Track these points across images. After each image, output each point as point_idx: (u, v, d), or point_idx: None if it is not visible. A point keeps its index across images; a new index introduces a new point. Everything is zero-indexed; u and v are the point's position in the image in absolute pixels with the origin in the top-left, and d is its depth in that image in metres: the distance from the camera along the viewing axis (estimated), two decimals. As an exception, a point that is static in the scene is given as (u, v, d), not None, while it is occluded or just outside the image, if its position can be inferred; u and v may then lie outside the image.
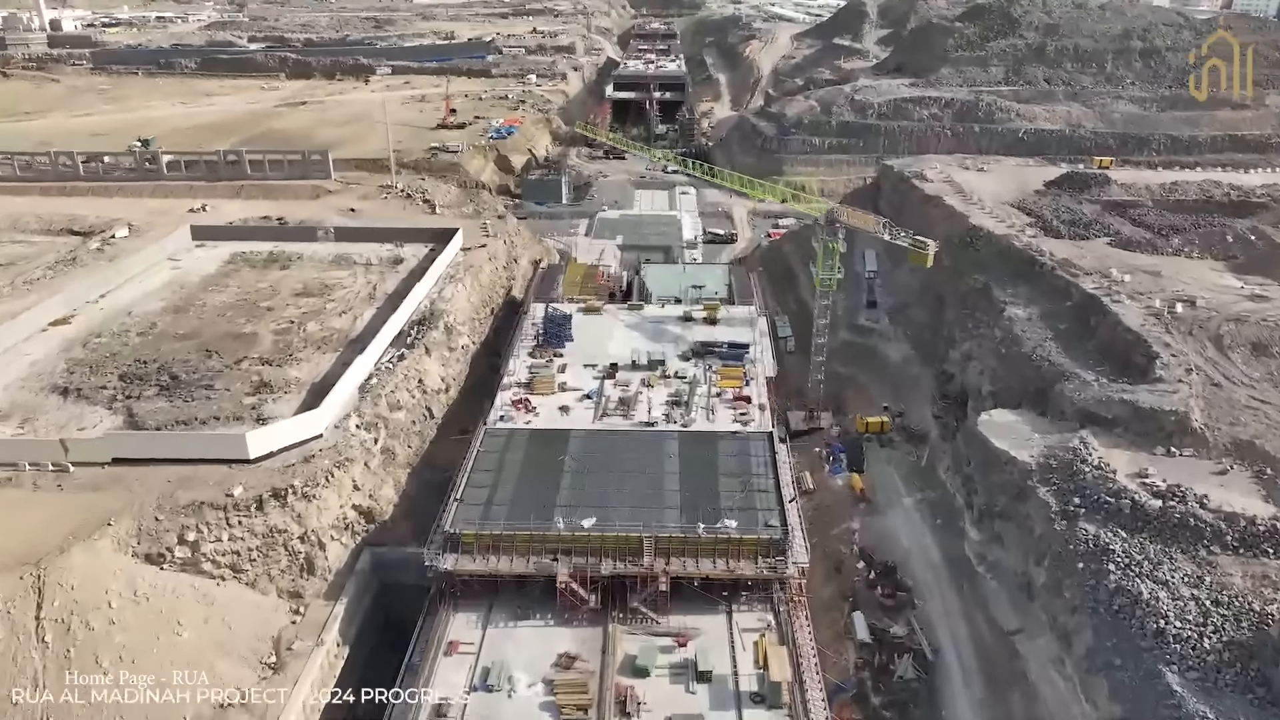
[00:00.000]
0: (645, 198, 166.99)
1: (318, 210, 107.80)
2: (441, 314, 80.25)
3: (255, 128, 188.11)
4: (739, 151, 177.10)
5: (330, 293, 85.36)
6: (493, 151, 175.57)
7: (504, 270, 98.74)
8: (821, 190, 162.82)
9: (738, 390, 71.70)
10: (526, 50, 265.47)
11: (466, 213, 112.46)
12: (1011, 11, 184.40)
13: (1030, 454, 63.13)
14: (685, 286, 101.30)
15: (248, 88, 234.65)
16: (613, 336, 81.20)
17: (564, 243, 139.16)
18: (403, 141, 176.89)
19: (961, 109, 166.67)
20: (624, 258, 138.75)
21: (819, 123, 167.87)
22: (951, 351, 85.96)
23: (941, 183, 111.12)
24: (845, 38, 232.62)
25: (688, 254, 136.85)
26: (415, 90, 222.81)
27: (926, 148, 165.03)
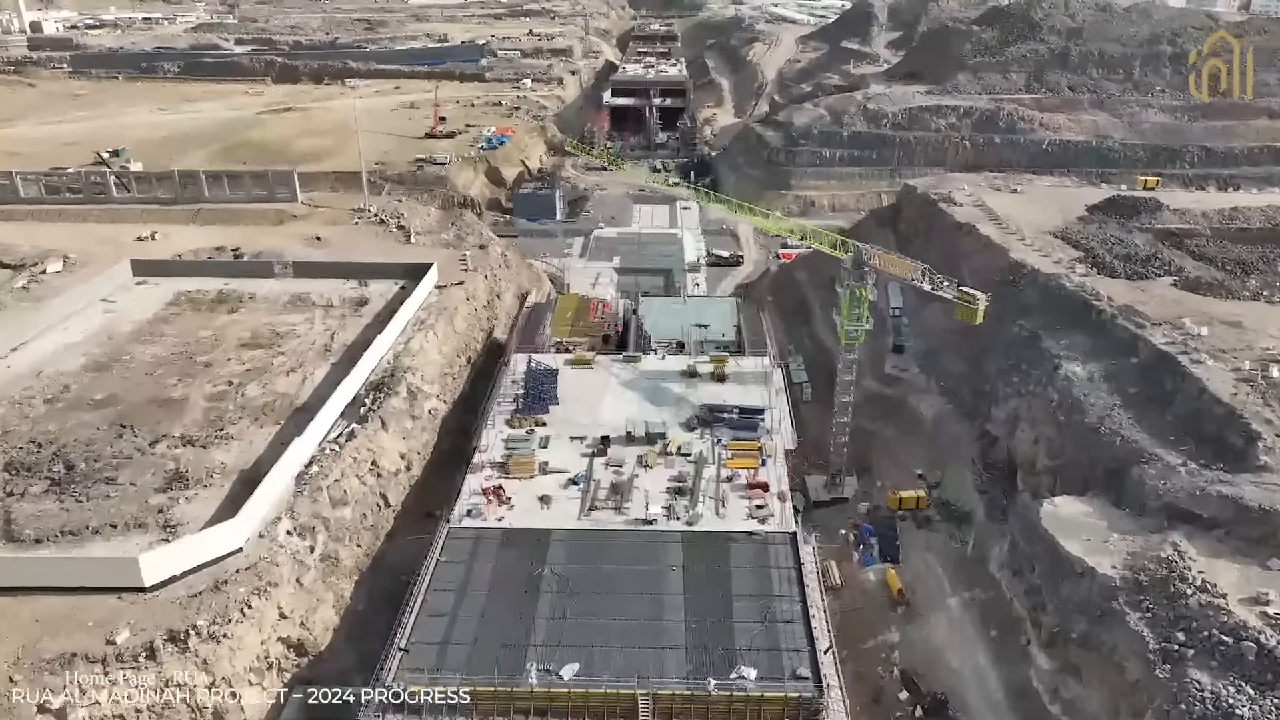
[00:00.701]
0: (645, 213, 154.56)
1: (280, 239, 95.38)
2: (406, 372, 67.84)
3: (233, 137, 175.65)
4: (744, 163, 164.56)
5: (281, 343, 72.96)
6: (483, 163, 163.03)
7: (484, 310, 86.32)
8: (832, 206, 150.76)
9: (753, 474, 59.29)
10: (522, 53, 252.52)
11: (447, 239, 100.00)
12: (1032, 15, 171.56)
13: (1112, 563, 50.78)
14: (688, 326, 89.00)
15: (231, 92, 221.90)
16: (605, 398, 68.75)
17: (556, 266, 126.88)
18: (388, 152, 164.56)
19: (981, 119, 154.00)
20: (621, 281, 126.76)
21: (829, 133, 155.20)
22: (994, 409, 73.56)
23: (973, 207, 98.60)
24: (853, 41, 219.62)
25: (690, 279, 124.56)
26: (404, 96, 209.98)
27: (943, 160, 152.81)
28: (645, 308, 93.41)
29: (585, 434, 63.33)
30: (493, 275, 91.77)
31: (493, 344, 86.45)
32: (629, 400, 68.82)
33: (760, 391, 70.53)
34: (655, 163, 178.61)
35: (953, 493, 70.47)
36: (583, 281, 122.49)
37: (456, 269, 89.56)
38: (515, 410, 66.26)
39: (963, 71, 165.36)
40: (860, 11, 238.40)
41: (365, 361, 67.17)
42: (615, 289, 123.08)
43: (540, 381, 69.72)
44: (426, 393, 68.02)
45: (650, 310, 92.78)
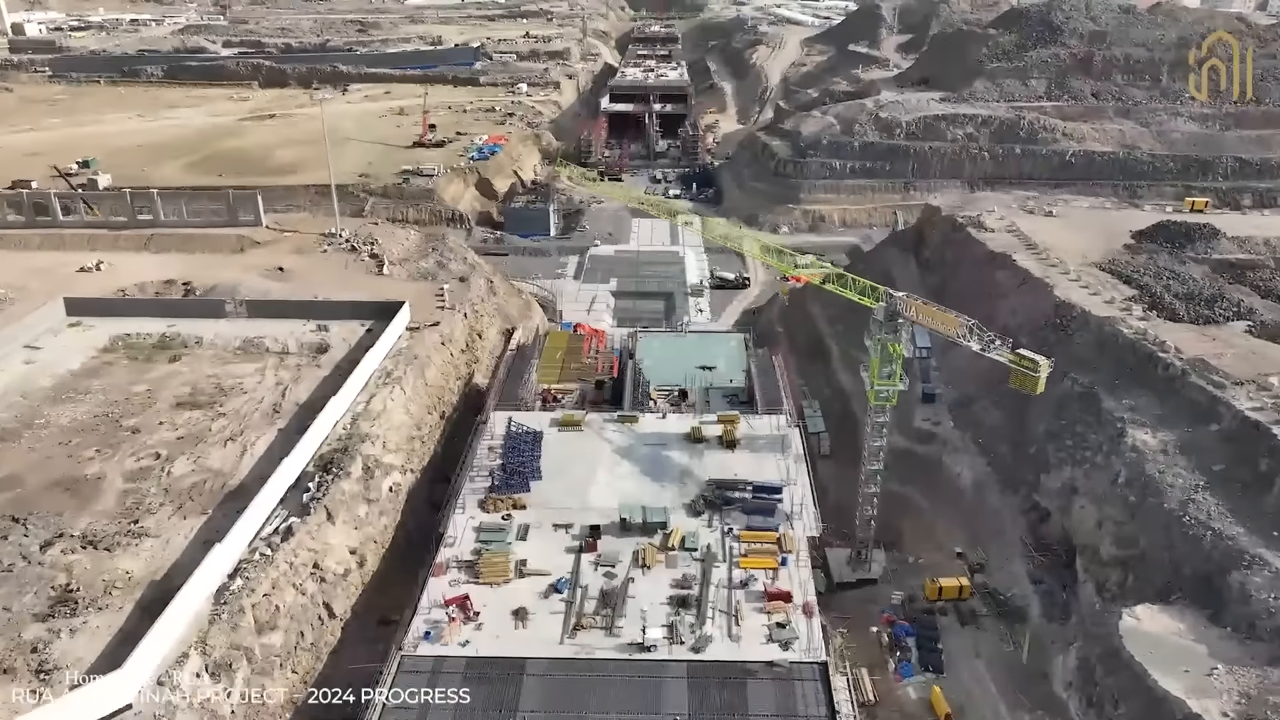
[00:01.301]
0: (644, 227, 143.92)
1: (238, 269, 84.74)
2: (364, 441, 57.26)
3: (210, 146, 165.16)
4: (749, 174, 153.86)
5: (224, 401, 62.36)
6: (473, 174, 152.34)
7: (463, 355, 75.67)
8: (843, 220, 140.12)
9: (772, 579, 48.72)
10: (518, 56, 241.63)
11: (425, 268, 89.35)
12: (1052, 18, 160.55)
13: (1223, 709, 40.43)
14: (691, 369, 78.41)
15: (216, 98, 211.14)
16: (596, 471, 58.11)
17: (548, 289, 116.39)
18: (373, 163, 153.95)
19: (1000, 128, 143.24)
20: (618, 307, 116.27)
21: (839, 143, 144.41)
22: (1044, 477, 63.07)
23: (1006, 234, 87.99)
24: (861, 44, 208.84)
25: (693, 303, 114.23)
26: (395, 101, 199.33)
27: (960, 172, 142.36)
28: (644, 347, 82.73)
29: (572, 521, 52.72)
30: (474, 313, 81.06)
31: (472, 390, 75.81)
32: (624, 474, 58.23)
33: (776, 462, 59.90)
34: (655, 173, 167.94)
35: (1001, 578, 59.86)
36: (577, 308, 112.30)
37: (433, 305, 78.92)
38: (491, 488, 55.66)
39: (979, 78, 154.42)
40: (867, 13, 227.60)
41: (316, 429, 56.57)
42: (612, 316, 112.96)
43: (521, 450, 59.15)
44: (388, 465, 57.37)
45: (649, 350, 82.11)
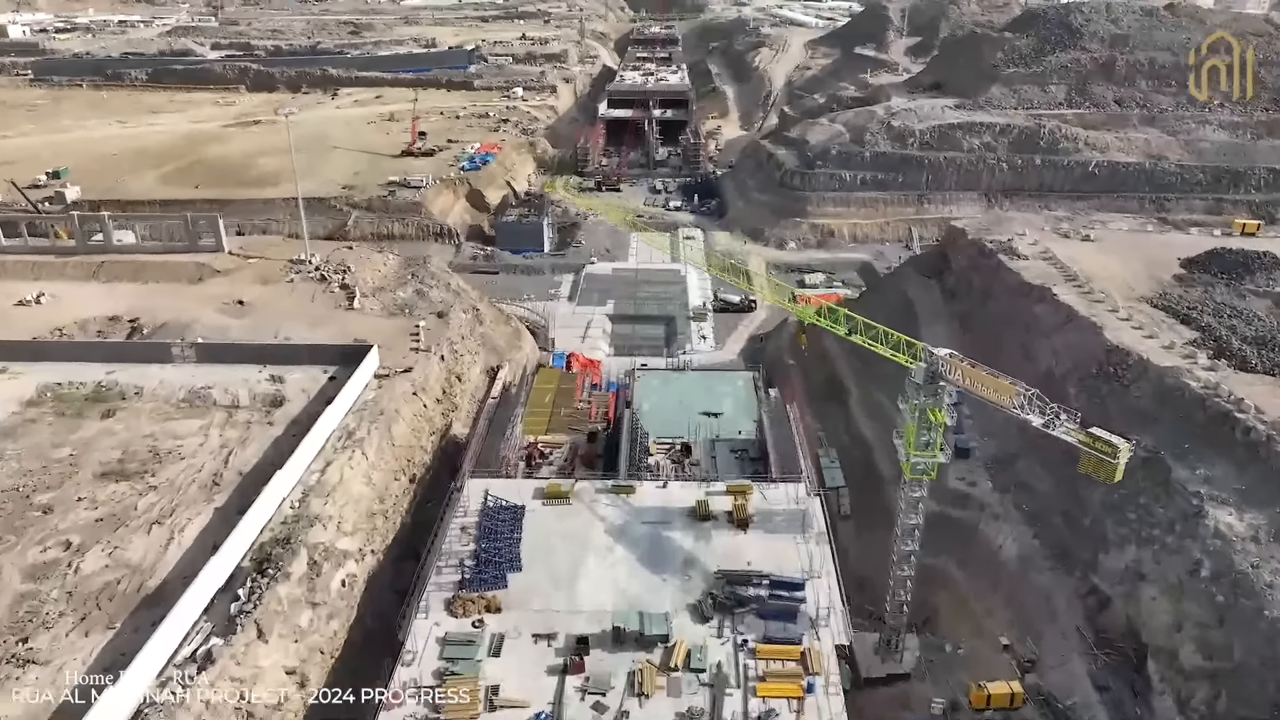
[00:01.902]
0: (643, 243, 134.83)
1: (194, 302, 75.58)
2: (313, 526, 48.14)
3: (190, 154, 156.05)
4: (753, 185, 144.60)
5: (158, 469, 53.25)
6: (463, 185, 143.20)
7: (438, 405, 66.46)
8: (853, 235, 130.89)
9: (798, 711, 39.56)
10: (514, 59, 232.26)
11: (402, 298, 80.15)
12: (1070, 20, 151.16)
13: None
14: (694, 417, 69.30)
15: (201, 102, 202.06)
16: (586, 558, 48.92)
17: (541, 313, 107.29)
18: (359, 173, 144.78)
19: (1020, 137, 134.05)
20: (615, 332, 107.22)
21: (849, 153, 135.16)
22: (1103, 556, 54.05)
23: (1040, 261, 78.75)
24: (868, 47, 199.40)
25: (695, 328, 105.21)
26: (385, 106, 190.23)
27: (977, 184, 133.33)
28: (642, 388, 73.48)
29: (555, 629, 43.55)
30: (452, 353, 71.83)
31: (449, 443, 66.69)
32: (618, 561, 49.07)
33: (796, 546, 50.66)
34: (655, 183, 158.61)
35: (1056, 680, 50.72)
36: (571, 334, 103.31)
37: (407, 345, 69.77)
38: (461, 583, 46.51)
39: (995, 84, 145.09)
40: (873, 15, 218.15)
41: (256, 512, 47.47)
42: (608, 343, 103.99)
43: (499, 531, 49.98)
44: (341, 553, 48.21)
45: (647, 393, 72.86)
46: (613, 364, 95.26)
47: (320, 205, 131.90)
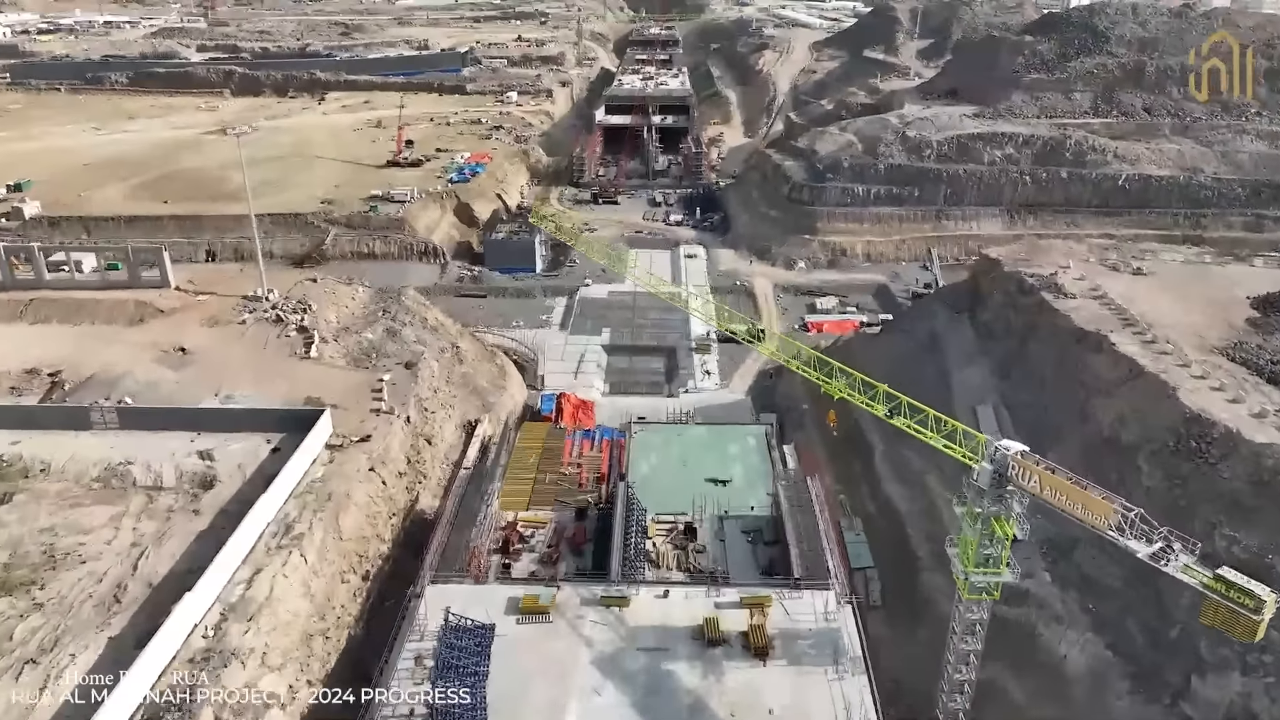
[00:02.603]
0: (641, 261, 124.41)
1: (129, 350, 65.44)
2: (227, 666, 38.10)
3: (164, 165, 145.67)
4: (759, 198, 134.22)
5: (50, 580, 43.17)
6: (451, 199, 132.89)
7: (401, 479, 56.27)
8: (867, 254, 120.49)
9: None
10: (509, 61, 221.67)
11: (369, 343, 69.99)
12: (1095, 23, 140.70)
13: None
14: (700, 485, 59.50)
15: (183, 107, 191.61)
16: (566, 704, 38.90)
17: (530, 345, 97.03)
18: (340, 186, 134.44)
19: (1044, 149, 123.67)
20: (610, 366, 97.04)
21: (862, 165, 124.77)
22: (1197, 681, 44.12)
23: (1091, 300, 68.52)
24: (876, 50, 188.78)
25: (697, 362, 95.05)
26: (374, 111, 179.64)
27: (999, 198, 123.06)
28: (638, 449, 63.59)
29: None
30: (422, 412, 61.68)
31: (414, 521, 56.58)
32: (608, 706, 38.99)
33: (827, 682, 40.58)
34: (655, 195, 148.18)
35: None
36: (562, 369, 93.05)
37: (368, 404, 59.69)
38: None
39: (1016, 91, 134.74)
40: (881, 16, 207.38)
41: (156, 650, 37.47)
42: (603, 378, 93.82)
43: (461, 661, 39.95)
44: (262, 704, 38.12)
45: (645, 454, 63.00)
46: (608, 405, 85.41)
47: (297, 222, 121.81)
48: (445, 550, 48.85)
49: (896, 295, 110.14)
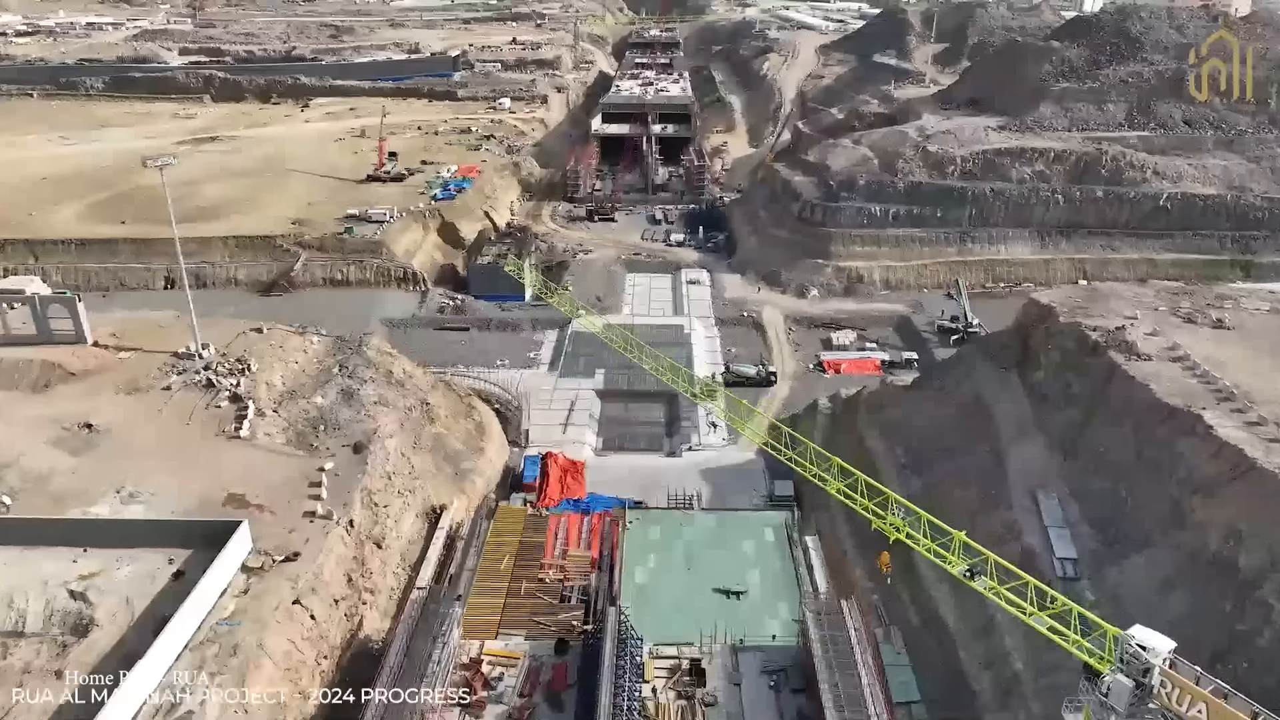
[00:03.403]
0: (640, 287, 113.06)
1: (26, 425, 53.77)
2: None
3: (126, 181, 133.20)
4: (767, 217, 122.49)
5: None
6: (434, 218, 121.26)
7: (338, 606, 44.59)
8: (885, 281, 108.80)
9: None
10: (503, 65, 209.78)
11: (316, 410, 58.37)
12: (1129, 28, 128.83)
13: None
14: (708, 600, 48.21)
15: (159, 115, 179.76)
16: None
17: (514, 391, 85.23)
18: (314, 204, 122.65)
19: (1077, 165, 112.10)
20: (604, 414, 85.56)
21: (879, 183, 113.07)
22: None
23: (1170, 363, 56.79)
24: (888, 54, 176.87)
25: (702, 413, 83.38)
26: (358, 120, 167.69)
27: (1028, 219, 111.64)
28: (633, 547, 52.21)
29: None
30: (371, 508, 50.09)
31: (356, 652, 44.97)
32: None
33: None
34: (655, 211, 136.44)
35: None
36: (550, 420, 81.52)
37: (303, 501, 48.10)
38: None
39: (1044, 101, 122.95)
40: (892, 19, 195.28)
41: None
42: (595, 431, 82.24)
43: None
44: None
45: (641, 553, 51.65)
46: (600, 467, 73.91)
47: (264, 245, 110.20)
48: (386, 716, 37.24)
49: (920, 329, 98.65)
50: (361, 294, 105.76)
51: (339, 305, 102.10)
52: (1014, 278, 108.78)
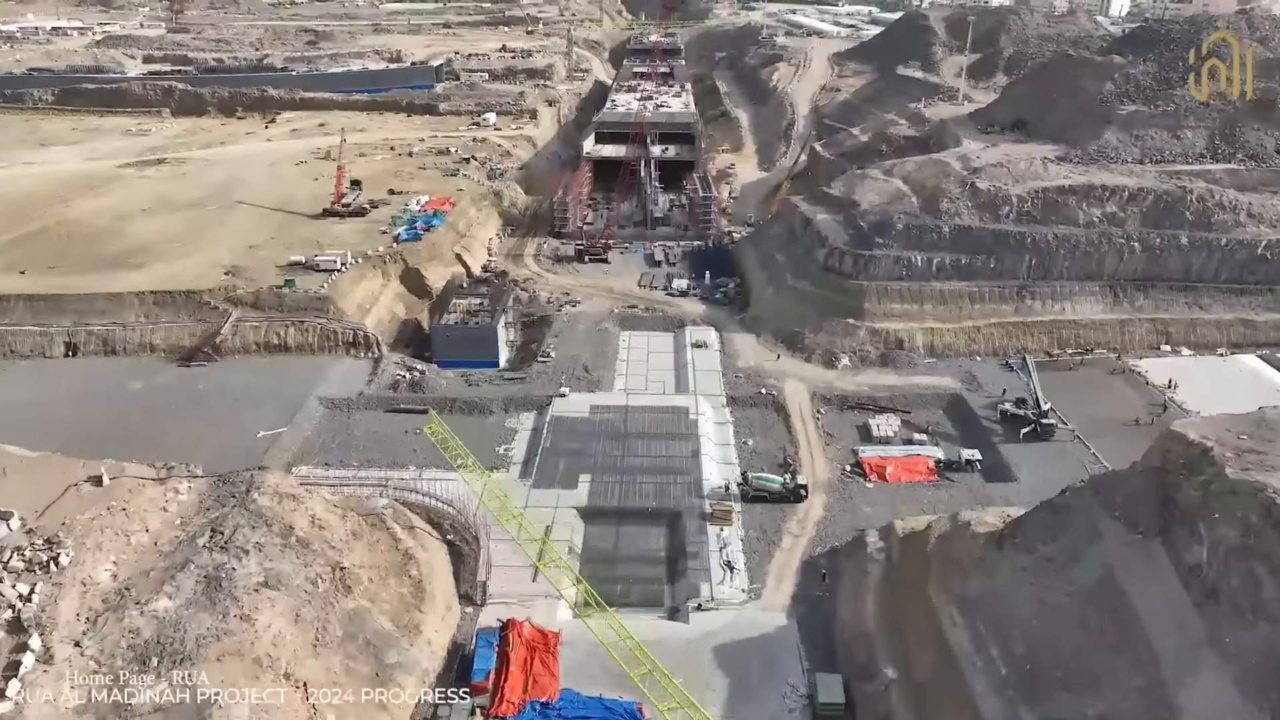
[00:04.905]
0: (636, 351, 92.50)
1: None
2: None
3: (51, 211, 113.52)
4: (784, 261, 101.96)
5: None
6: (397, 264, 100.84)
7: None
8: (930, 348, 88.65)
9: None
10: (489, 75, 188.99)
11: (158, 625, 38.18)
12: (1203, 39, 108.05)
13: None
14: None
15: (110, 131, 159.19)
16: None
17: (471, 511, 64.64)
18: (256, 248, 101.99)
19: (1156, 206, 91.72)
20: (587, 547, 64.97)
21: (921, 227, 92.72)
22: None
23: None
24: (912, 66, 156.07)
25: (714, 546, 63.18)
26: (326, 137, 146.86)
27: (1099, 271, 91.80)
28: None
29: None
30: None
31: None
32: None
33: None
34: (654, 249, 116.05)
35: None
36: (514, 562, 61.10)
37: None
38: None
39: (1109, 126, 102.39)
40: (913, 26, 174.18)
41: None
42: (574, 577, 61.64)
43: None
44: None
45: None
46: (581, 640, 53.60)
47: (188, 302, 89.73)
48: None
49: (978, 412, 78.41)
50: (300, 363, 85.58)
51: (271, 378, 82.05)
52: (1083, 342, 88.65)
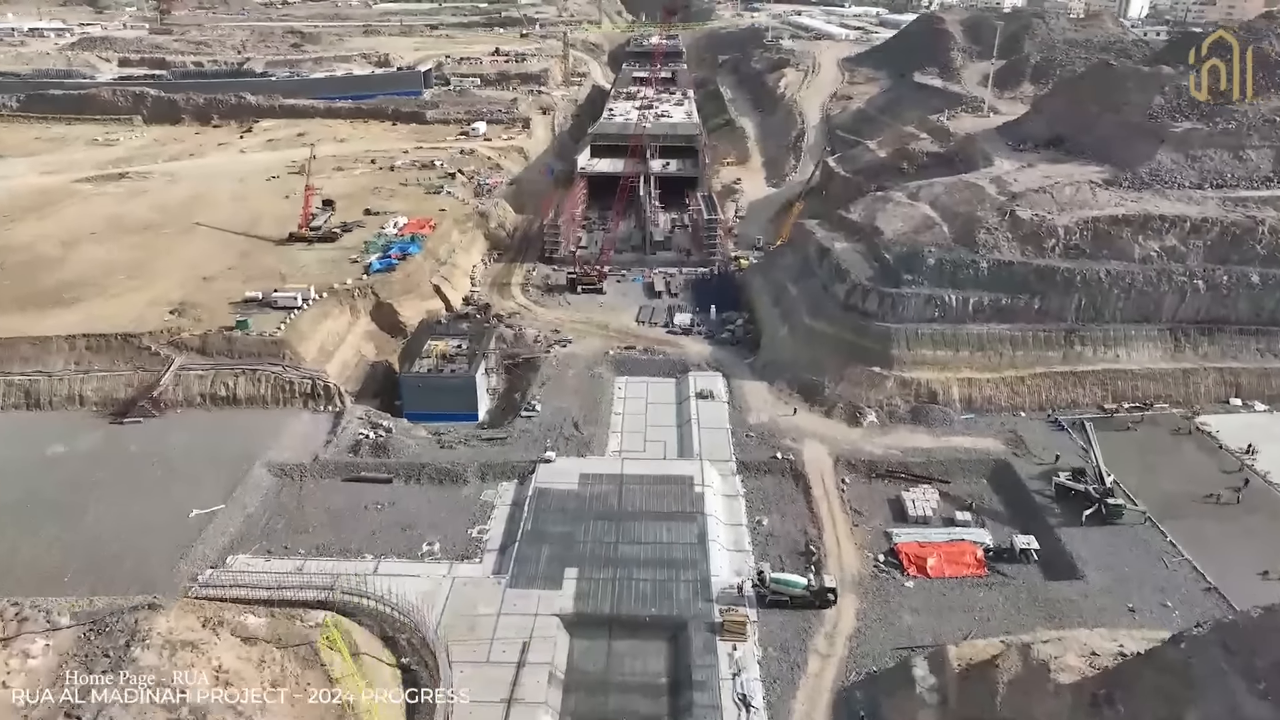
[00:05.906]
0: (634, 402, 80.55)
1: None
2: None
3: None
4: (799, 295, 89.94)
5: None
6: (367, 298, 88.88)
7: None
8: (968, 401, 76.68)
9: None
10: (481, 81, 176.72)
11: None
12: (1265, 48, 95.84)
13: None
14: None
15: (75, 140, 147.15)
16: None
17: (433, 622, 52.83)
18: (211, 279, 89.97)
19: (1222, 239, 79.85)
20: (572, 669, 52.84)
21: (955, 263, 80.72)
22: None
23: None
24: (929, 73, 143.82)
25: (725, 665, 51.31)
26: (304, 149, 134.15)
27: (1157, 313, 79.69)
28: None
29: None
30: None
31: None
32: None
33: None
34: (653, 277, 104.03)
35: None
36: (486, 694, 49.23)
37: None
38: None
39: (1162, 147, 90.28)
40: (929, 30, 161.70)
41: None
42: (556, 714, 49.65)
43: None
44: None
45: None
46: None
47: (125, 347, 77.70)
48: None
49: (1027, 482, 66.58)
50: (250, 420, 73.62)
51: (214, 438, 70.25)
52: (1141, 395, 76.72)
